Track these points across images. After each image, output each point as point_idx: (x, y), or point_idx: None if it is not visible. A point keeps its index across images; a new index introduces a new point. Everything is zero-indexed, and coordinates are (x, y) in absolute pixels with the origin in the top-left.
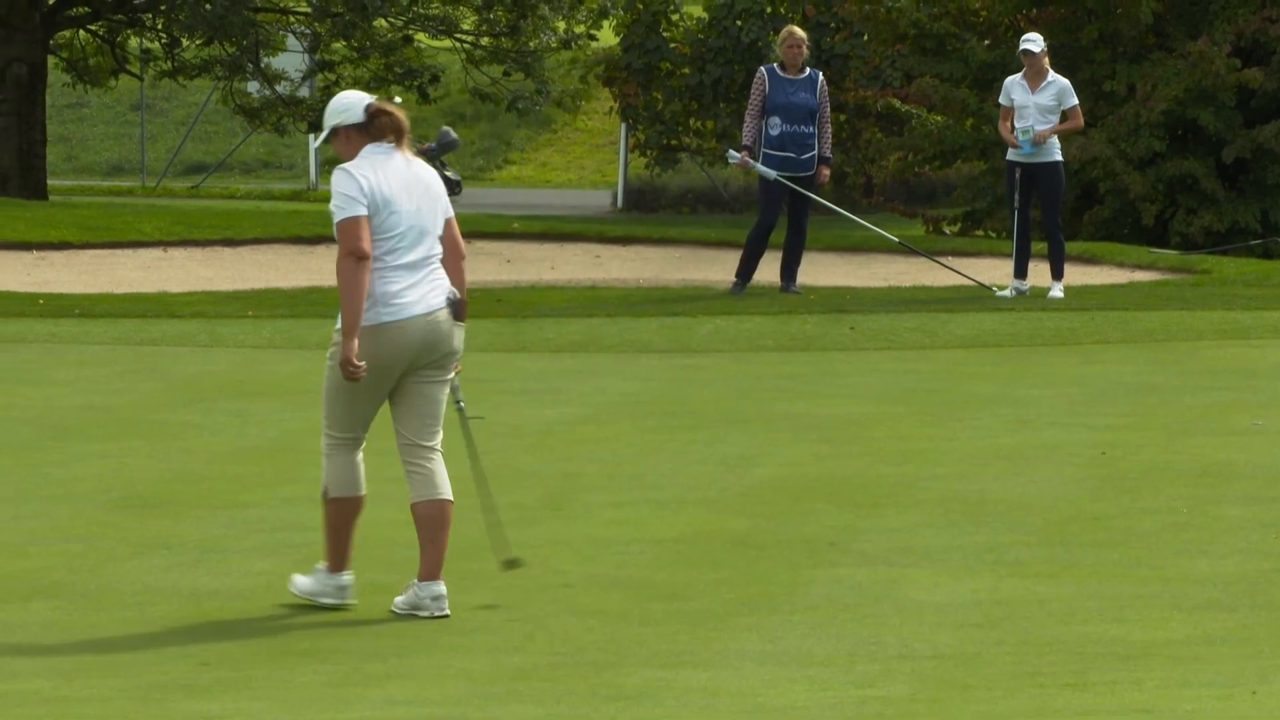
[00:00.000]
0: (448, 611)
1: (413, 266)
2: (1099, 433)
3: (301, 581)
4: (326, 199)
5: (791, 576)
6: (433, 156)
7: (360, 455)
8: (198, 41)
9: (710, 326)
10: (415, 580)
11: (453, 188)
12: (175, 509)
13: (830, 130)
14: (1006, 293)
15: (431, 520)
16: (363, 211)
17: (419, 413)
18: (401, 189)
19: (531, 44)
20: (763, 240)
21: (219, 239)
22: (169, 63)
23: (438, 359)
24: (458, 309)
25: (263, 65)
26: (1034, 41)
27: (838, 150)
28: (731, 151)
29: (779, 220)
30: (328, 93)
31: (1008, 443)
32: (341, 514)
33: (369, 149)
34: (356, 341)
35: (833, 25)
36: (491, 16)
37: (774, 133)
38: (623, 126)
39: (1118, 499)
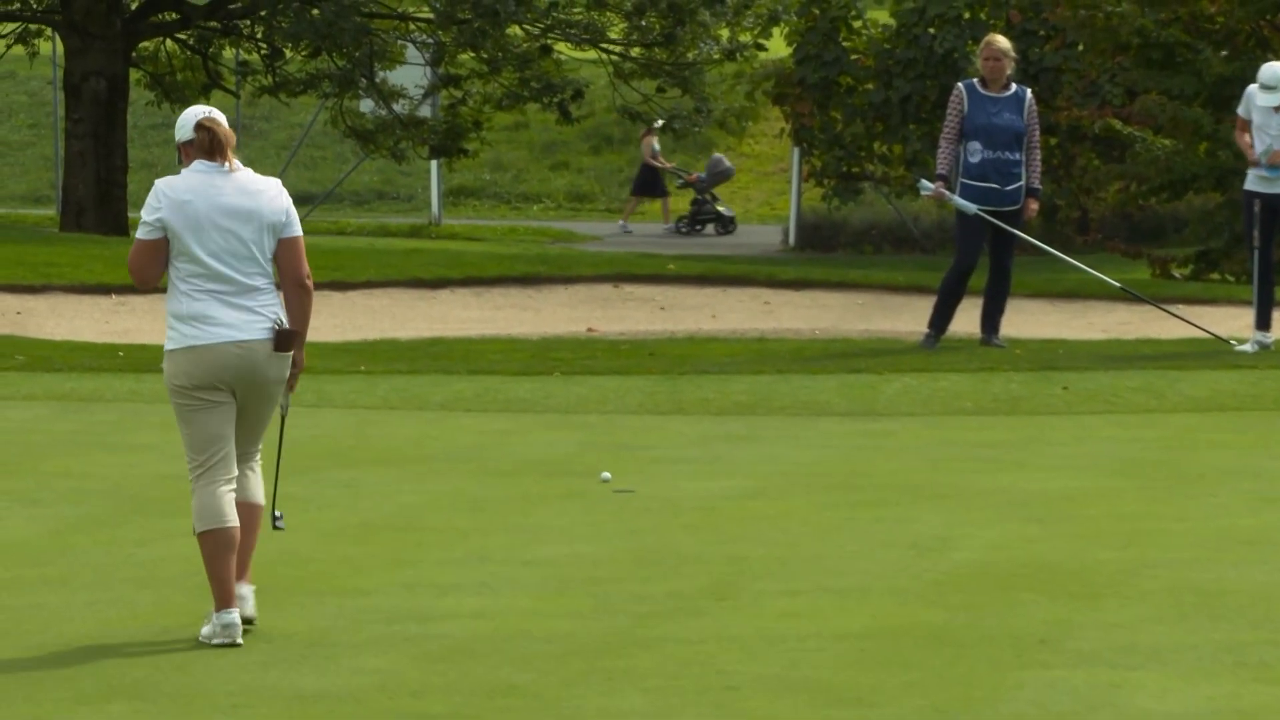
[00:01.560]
0: (252, 614)
1: (226, 292)
2: None
3: (204, 630)
4: (451, 236)
5: (995, 679)
6: (703, 189)
7: (225, 488)
8: (303, 53)
9: (898, 385)
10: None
11: (725, 224)
12: (275, 596)
13: (1040, 157)
14: (1247, 347)
15: (241, 520)
16: (154, 235)
17: (240, 428)
18: (216, 210)
19: (689, 55)
20: (960, 285)
21: (326, 281)
22: (269, 77)
23: (259, 387)
24: (282, 339)
25: (378, 80)
26: (1274, 93)
27: (1048, 180)
28: (924, 181)
29: (979, 262)
30: (453, 113)
31: (1250, 524)
32: (212, 547)
33: (196, 165)
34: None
35: (1042, 33)
36: (643, 24)
37: (974, 160)
38: (795, 151)
39: None
